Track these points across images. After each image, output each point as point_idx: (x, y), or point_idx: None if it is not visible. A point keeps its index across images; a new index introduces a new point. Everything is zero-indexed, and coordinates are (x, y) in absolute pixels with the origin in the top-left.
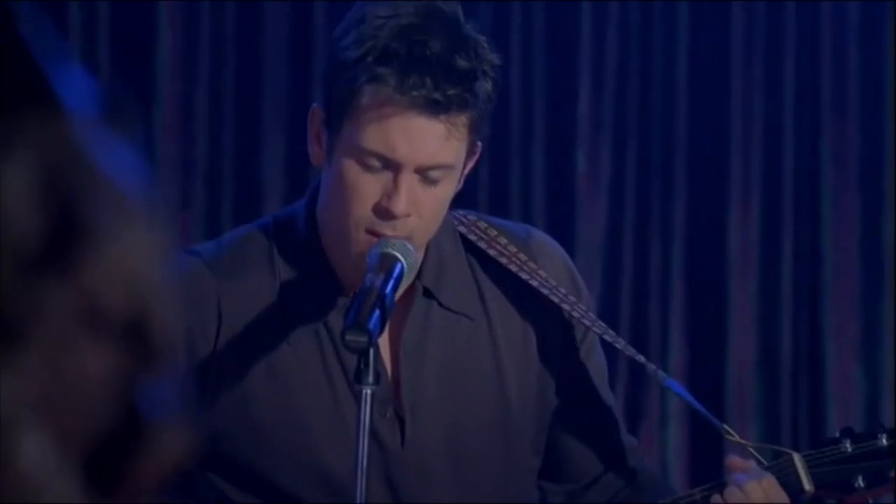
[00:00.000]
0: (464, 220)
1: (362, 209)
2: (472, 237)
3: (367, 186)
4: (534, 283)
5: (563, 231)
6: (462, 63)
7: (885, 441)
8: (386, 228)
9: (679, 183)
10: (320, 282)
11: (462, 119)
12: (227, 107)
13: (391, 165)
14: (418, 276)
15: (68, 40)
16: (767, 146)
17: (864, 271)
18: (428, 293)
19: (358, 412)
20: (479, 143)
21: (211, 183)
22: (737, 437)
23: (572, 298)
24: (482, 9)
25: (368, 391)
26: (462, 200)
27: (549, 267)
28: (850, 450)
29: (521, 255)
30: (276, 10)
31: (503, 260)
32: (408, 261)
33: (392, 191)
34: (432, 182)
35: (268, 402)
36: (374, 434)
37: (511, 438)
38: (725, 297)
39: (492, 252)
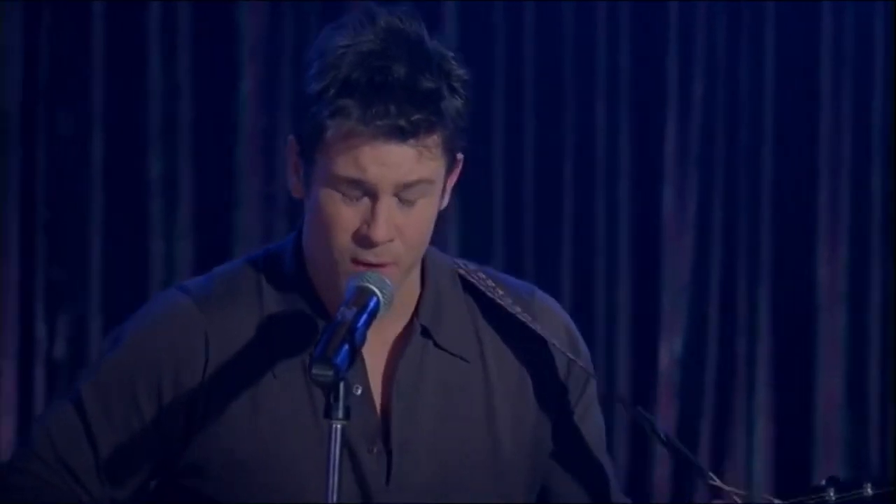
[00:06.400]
0: (463, 267)
1: (344, 239)
2: (471, 282)
3: (347, 216)
4: (526, 334)
5: (648, 268)
6: (426, 84)
7: (869, 491)
8: (369, 256)
9: (765, 218)
10: (307, 314)
11: (433, 139)
12: None
13: (368, 192)
14: (416, 313)
15: (149, 75)
16: (855, 180)
17: None
18: (425, 332)
19: (344, 447)
20: (460, 156)
21: (292, 216)
22: (720, 483)
23: (570, 356)
24: (566, 47)
25: (338, 426)
26: (546, 235)
27: (548, 325)
28: (833, 498)
29: (517, 307)
30: None
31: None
32: (384, 294)
33: (370, 218)
34: (410, 203)
35: (253, 437)
36: (357, 470)
37: (500, 482)
38: (813, 333)
39: (489, 297)
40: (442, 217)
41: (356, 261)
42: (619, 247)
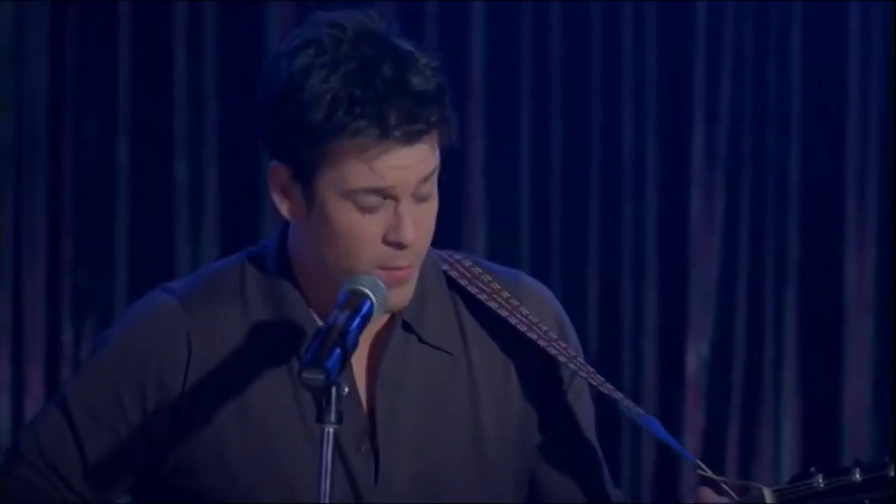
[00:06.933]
0: (448, 258)
1: (372, 248)
2: (455, 274)
3: (370, 226)
4: (512, 321)
5: (675, 270)
6: (424, 84)
7: (857, 477)
8: (398, 259)
9: (793, 219)
10: (294, 317)
11: (437, 132)
12: None
13: (388, 196)
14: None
15: (175, 78)
16: (882, 180)
17: None
18: (407, 327)
19: (333, 448)
20: None
21: None
22: (709, 473)
23: (555, 338)
24: (593, 49)
25: (330, 430)
26: (572, 237)
27: (535, 309)
28: (821, 485)
29: (504, 293)
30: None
31: (483, 297)
32: (378, 297)
33: (397, 223)
34: (424, 199)
35: (239, 439)
36: (347, 470)
37: (487, 476)
38: (840, 335)
39: (473, 289)
40: (469, 219)
41: (384, 267)
42: (646, 249)
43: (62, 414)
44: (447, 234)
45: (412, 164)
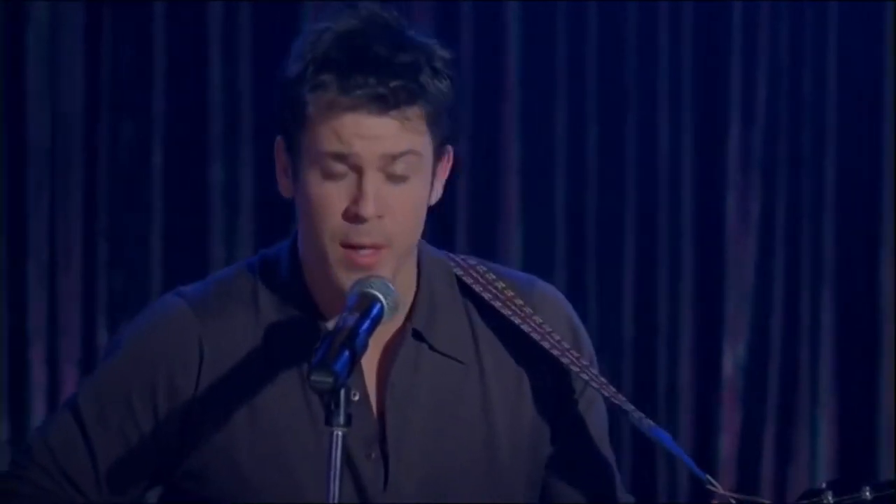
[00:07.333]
0: (462, 263)
1: (333, 219)
2: (469, 280)
3: (334, 195)
4: (525, 329)
5: (711, 272)
6: (404, 58)
7: (868, 494)
8: (361, 236)
9: (828, 221)
10: (304, 322)
11: (415, 111)
12: None
13: (353, 167)
14: (409, 317)
15: (210, 79)
16: None
17: None
18: (418, 335)
19: (343, 453)
20: (450, 147)
21: None
22: (720, 489)
23: (568, 348)
24: (628, 50)
25: (339, 433)
26: (608, 239)
27: (549, 317)
28: (831, 502)
29: (518, 301)
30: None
31: (497, 304)
32: (388, 300)
33: (358, 194)
34: (399, 179)
35: (250, 444)
36: (356, 476)
37: (498, 485)
38: (877, 337)
39: (486, 296)
40: (504, 221)
41: (347, 244)
42: (681, 250)
43: (73, 416)
44: (482, 235)
45: (378, 135)
